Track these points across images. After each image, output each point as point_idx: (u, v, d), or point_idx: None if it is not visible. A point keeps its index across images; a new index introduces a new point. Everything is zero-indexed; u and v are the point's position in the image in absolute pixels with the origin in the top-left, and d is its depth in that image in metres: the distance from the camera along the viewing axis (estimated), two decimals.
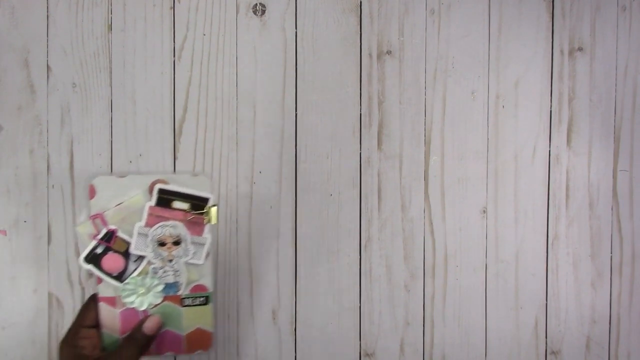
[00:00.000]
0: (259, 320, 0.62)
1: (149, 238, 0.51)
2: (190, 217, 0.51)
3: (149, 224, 0.51)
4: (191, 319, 0.54)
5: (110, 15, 0.59)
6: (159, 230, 0.51)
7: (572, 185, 0.65)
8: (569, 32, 0.65)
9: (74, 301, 0.59)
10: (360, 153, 0.62)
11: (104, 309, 0.53)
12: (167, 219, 0.51)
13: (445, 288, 0.64)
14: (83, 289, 0.59)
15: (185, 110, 0.60)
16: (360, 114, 0.62)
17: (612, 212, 0.66)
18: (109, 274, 0.52)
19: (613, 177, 0.66)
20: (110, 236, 0.51)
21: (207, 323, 0.55)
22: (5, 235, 0.58)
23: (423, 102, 0.63)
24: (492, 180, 0.64)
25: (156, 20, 0.60)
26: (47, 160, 0.59)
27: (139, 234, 0.51)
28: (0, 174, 0.58)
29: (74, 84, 0.59)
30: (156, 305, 0.53)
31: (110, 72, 0.60)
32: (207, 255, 0.53)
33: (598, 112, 0.66)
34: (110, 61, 0.60)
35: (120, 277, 0.52)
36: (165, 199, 0.51)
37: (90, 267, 0.52)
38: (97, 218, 0.51)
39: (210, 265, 0.54)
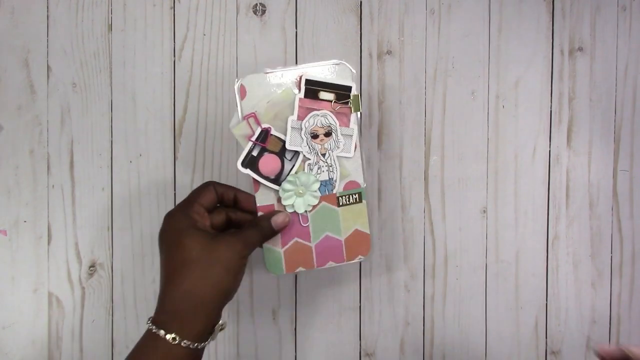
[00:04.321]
0: (259, 320, 0.62)
1: (303, 131, 0.50)
2: (337, 107, 0.50)
3: (300, 117, 0.50)
4: (348, 220, 0.52)
5: (110, 15, 0.59)
6: (311, 121, 0.50)
7: (572, 185, 0.65)
8: (569, 32, 0.65)
9: (74, 301, 0.59)
10: (361, 152, 0.62)
11: None
12: (317, 110, 0.50)
13: (445, 288, 0.64)
14: (83, 288, 0.59)
15: (185, 110, 0.60)
16: (361, 114, 0.62)
17: (612, 212, 0.66)
18: (267, 177, 0.50)
19: (613, 177, 0.66)
20: (265, 135, 0.50)
21: (364, 223, 0.53)
22: (6, 235, 0.58)
23: (423, 102, 0.63)
24: (492, 180, 0.64)
25: (156, 20, 0.60)
26: (47, 160, 0.59)
27: (292, 128, 0.50)
28: (0, 174, 0.58)
29: (74, 84, 0.59)
30: (314, 207, 0.51)
31: (110, 72, 0.60)
32: (355, 147, 0.51)
33: (598, 112, 0.66)
34: (110, 61, 0.59)
35: (277, 180, 0.50)
36: (312, 90, 0.50)
37: (248, 171, 0.50)
38: (251, 117, 0.49)
39: (359, 159, 0.52)
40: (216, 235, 0.44)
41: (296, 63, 0.61)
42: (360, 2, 0.62)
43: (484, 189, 0.64)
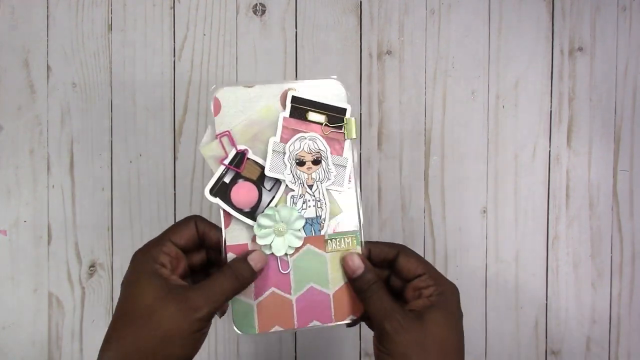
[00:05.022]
0: None
1: (286, 155, 0.42)
2: (328, 131, 0.42)
3: (284, 139, 0.42)
4: (338, 270, 0.42)
5: (110, 15, 0.59)
6: (297, 144, 0.42)
7: (572, 185, 0.65)
8: (569, 32, 0.65)
9: (74, 301, 0.59)
10: (361, 153, 0.62)
11: None
12: (304, 132, 0.43)
13: None
14: (83, 288, 0.59)
15: (185, 110, 0.60)
16: (361, 114, 0.62)
17: (612, 212, 0.66)
18: (241, 210, 0.42)
19: (613, 177, 0.66)
20: (240, 159, 0.42)
21: None
22: (6, 235, 0.58)
23: (423, 102, 0.63)
24: (492, 180, 0.64)
25: (156, 20, 0.60)
26: (47, 160, 0.59)
27: (274, 151, 0.42)
28: (0, 174, 0.58)
29: (74, 84, 0.59)
30: (297, 250, 0.42)
31: (110, 72, 0.60)
32: (349, 180, 0.43)
33: (598, 112, 0.66)
34: (110, 61, 0.60)
35: (253, 213, 0.42)
36: (300, 109, 0.42)
37: (217, 201, 0.41)
38: (225, 136, 0.42)
39: (353, 194, 0.43)
40: (174, 290, 0.36)
41: (296, 63, 0.62)
42: (360, 2, 0.62)
43: (484, 189, 0.64)
